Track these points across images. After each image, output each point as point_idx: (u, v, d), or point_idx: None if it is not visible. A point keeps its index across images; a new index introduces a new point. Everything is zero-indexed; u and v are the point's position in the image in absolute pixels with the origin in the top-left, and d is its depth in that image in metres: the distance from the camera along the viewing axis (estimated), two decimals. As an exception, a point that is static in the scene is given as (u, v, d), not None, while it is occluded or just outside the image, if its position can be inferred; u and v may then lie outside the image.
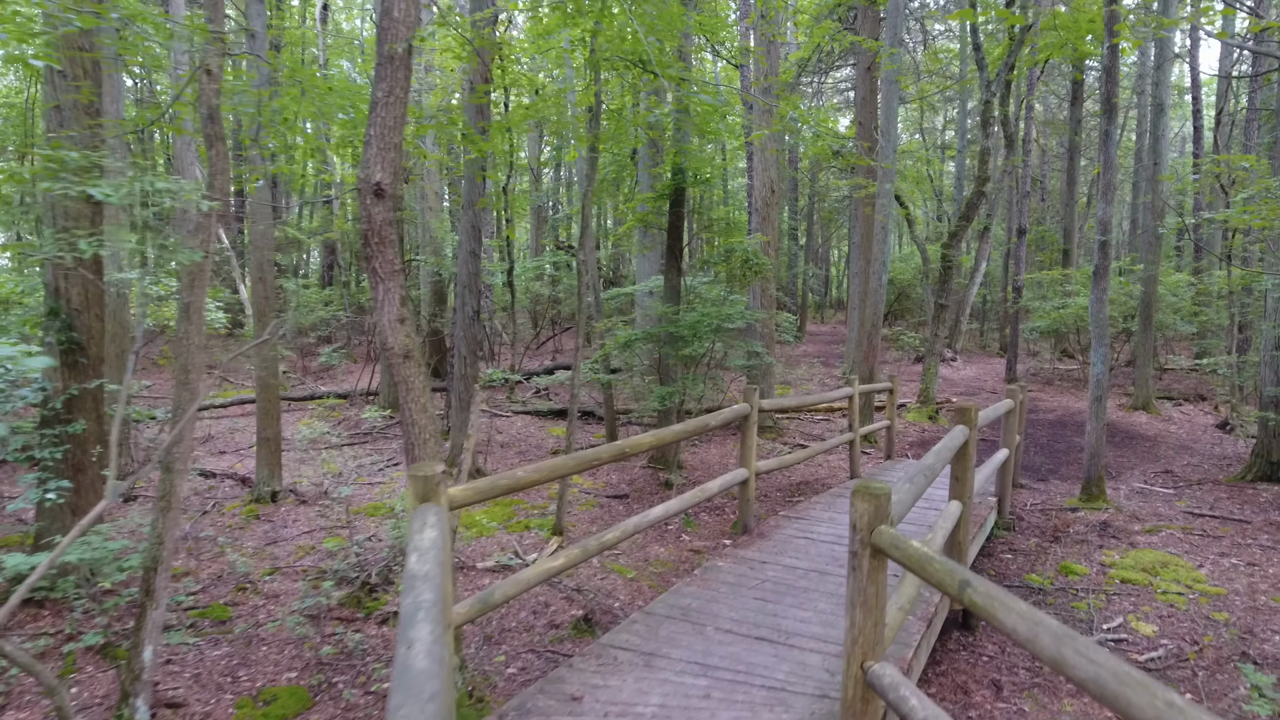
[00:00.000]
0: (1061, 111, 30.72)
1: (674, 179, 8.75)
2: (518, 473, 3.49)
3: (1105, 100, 8.04)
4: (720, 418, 5.18)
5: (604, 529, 7.28)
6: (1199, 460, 11.03)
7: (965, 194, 25.56)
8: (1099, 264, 8.28)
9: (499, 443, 11.26)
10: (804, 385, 16.73)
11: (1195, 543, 7.34)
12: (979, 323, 28.49)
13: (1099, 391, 8.38)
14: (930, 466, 3.61)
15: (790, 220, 28.49)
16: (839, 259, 47.25)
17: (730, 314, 8.09)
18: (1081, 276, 19.87)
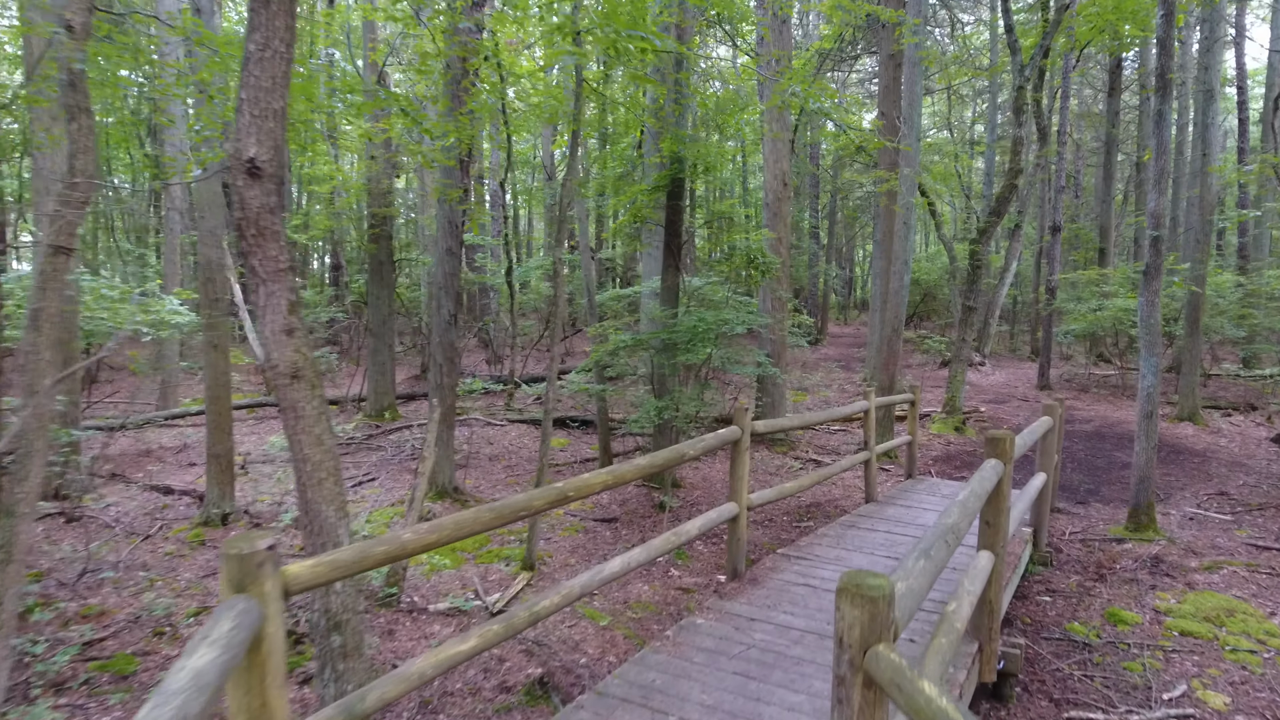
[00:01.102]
0: (1097, 104, 29.43)
1: (671, 168, 7.92)
2: (423, 528, 2.69)
3: (1159, 76, 7.08)
4: (702, 445, 4.35)
5: (582, 567, 6.48)
6: (1256, 480, 9.97)
7: (995, 190, 24.43)
8: (1151, 262, 7.32)
9: (488, 455, 10.50)
10: (821, 392, 15.80)
11: (1263, 583, 6.37)
12: (1009, 325, 27.33)
13: (1149, 407, 7.42)
14: (953, 527, 2.75)
15: (811, 219, 27.49)
16: (863, 258, 46.06)
17: (729, 319, 7.24)
18: (1120, 276, 18.72)
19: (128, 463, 9.75)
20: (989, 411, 14.35)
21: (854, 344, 26.84)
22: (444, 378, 8.10)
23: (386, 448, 10.48)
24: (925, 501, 7.62)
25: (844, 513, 8.16)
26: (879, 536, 6.11)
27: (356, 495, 8.46)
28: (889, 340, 10.55)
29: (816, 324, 26.88)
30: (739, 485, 4.80)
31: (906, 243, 10.37)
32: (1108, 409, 15.19)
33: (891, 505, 7.36)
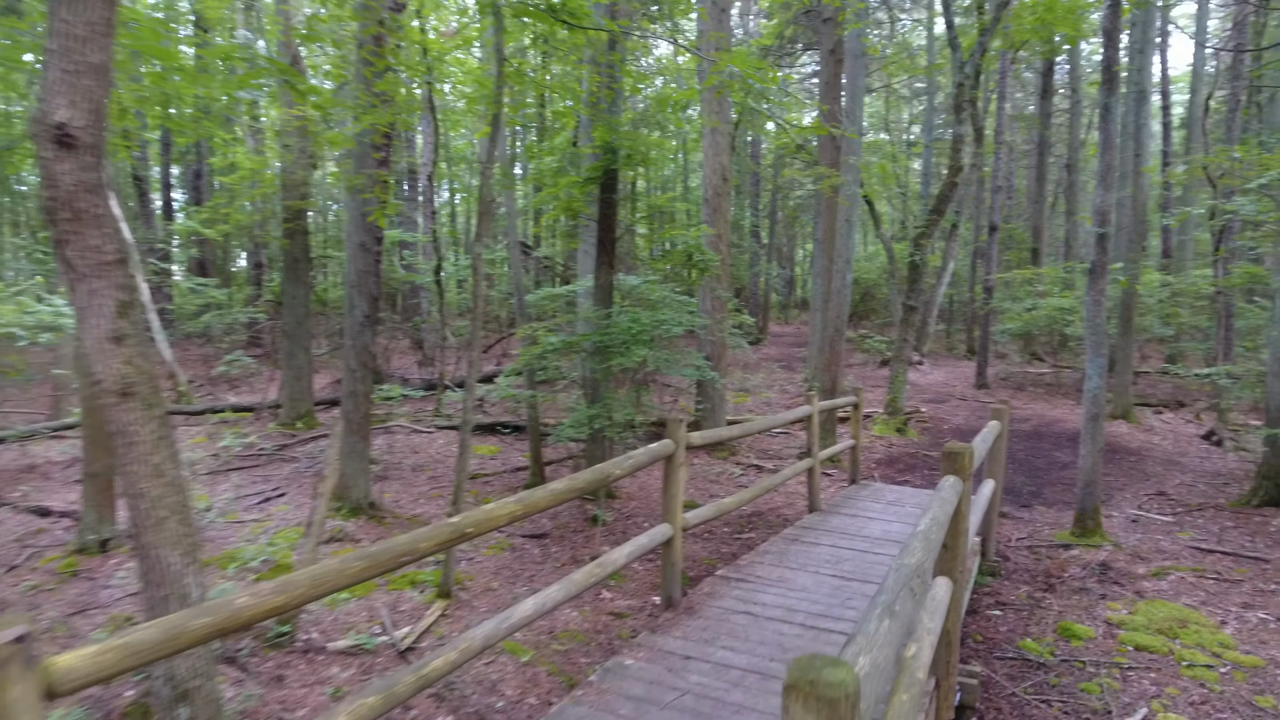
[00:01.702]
0: (1028, 107, 30.04)
1: (603, 159, 7.43)
2: (266, 589, 2.14)
3: (1105, 69, 6.90)
4: (630, 463, 3.87)
5: (506, 591, 5.93)
6: (1192, 479, 10.00)
7: (933, 190, 24.63)
8: (1096, 261, 7.14)
9: (412, 465, 9.85)
10: (763, 393, 15.52)
11: (1211, 589, 6.21)
12: (946, 324, 27.64)
13: (1095, 409, 7.24)
14: (918, 569, 2.32)
15: (752, 217, 27.34)
16: (804, 258, 46.33)
17: (664, 320, 6.78)
18: (1052, 276, 18.97)
19: (6, 480, 8.81)
20: (929, 412, 14.26)
21: (795, 343, 26.77)
22: (358, 384, 7.45)
23: (301, 459, 9.73)
24: (870, 509, 7.30)
25: (787, 522, 7.79)
26: (824, 551, 5.73)
27: (262, 513, 7.74)
28: (831, 341, 10.26)
29: (758, 323, 26.72)
30: (673, 505, 4.34)
31: (849, 240, 10.10)
32: (1044, 407, 15.28)
33: (836, 514, 7.01)
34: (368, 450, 7.90)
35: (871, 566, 5.38)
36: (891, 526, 6.65)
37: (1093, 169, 31.07)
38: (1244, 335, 14.83)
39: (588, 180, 7.62)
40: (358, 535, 7.17)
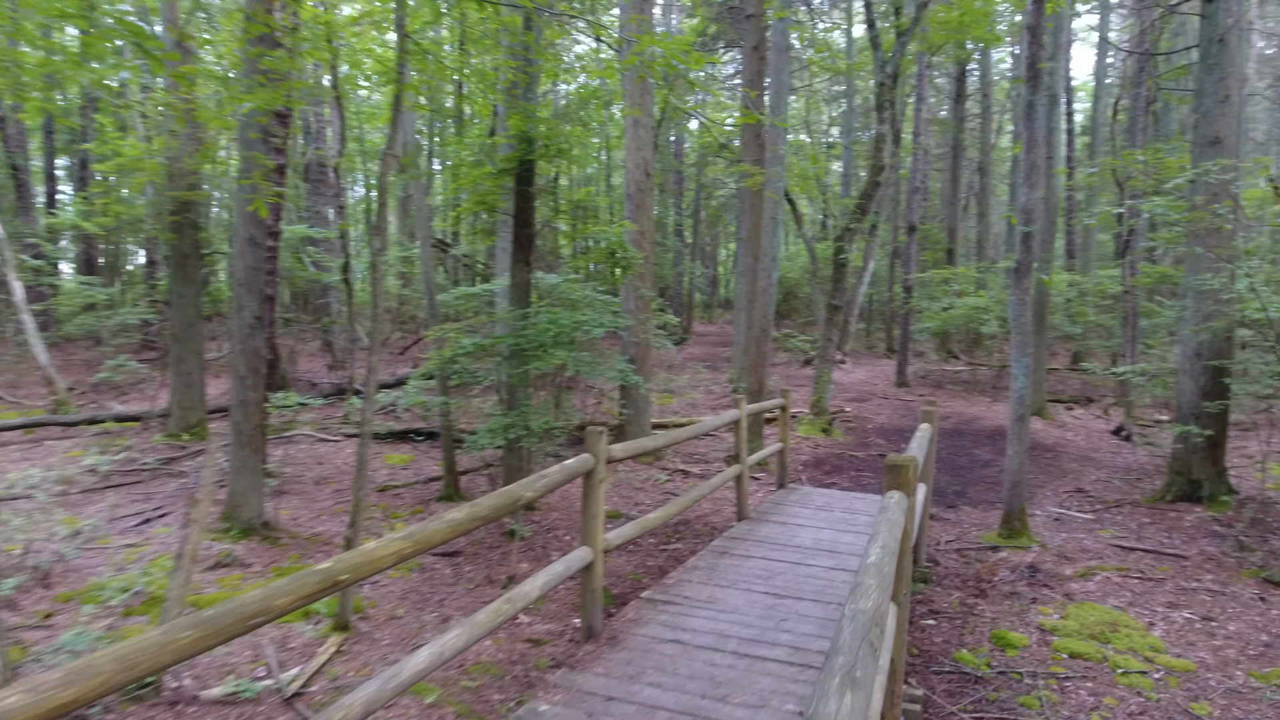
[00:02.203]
0: (941, 111, 30.84)
1: (519, 149, 6.96)
2: (49, 681, 1.62)
3: (1030, 65, 6.83)
4: (544, 482, 3.44)
5: (413, 619, 5.41)
6: (1107, 474, 10.18)
7: (853, 192, 24.95)
8: (1022, 259, 7.08)
9: (315, 478, 9.14)
10: (688, 394, 15.27)
11: (1137, 589, 6.19)
12: (866, 323, 28.07)
13: (1021, 409, 7.19)
14: (875, 615, 1.97)
15: (676, 216, 27.17)
16: (726, 257, 46.59)
17: (585, 320, 6.37)
18: (968, 275, 19.38)
19: None
20: (854, 411, 14.27)
21: (719, 343, 26.73)
22: (248, 392, 6.77)
23: (189, 474, 8.88)
24: (800, 515, 7.06)
25: (715, 531, 7.49)
26: (755, 565, 5.42)
27: (140, 537, 6.97)
28: (758, 341, 10.04)
29: (682, 323, 26.57)
30: (593, 526, 3.93)
31: (775, 238, 9.89)
32: (962, 405, 15.52)
33: (765, 522, 6.74)
34: (261, 464, 7.21)
35: (805, 581, 5.10)
36: (822, 534, 6.41)
37: (1002, 172, 32.20)
38: (1147, 334, 15.41)
39: (502, 172, 7.14)
40: (248, 559, 6.50)
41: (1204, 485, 8.32)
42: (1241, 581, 6.28)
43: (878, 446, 11.68)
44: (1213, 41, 8.23)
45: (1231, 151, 8.18)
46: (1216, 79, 8.21)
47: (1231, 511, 8.05)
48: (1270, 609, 5.78)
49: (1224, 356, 8.27)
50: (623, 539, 4.30)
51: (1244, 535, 7.33)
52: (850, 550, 5.96)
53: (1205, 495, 8.29)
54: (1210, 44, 8.25)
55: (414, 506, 8.27)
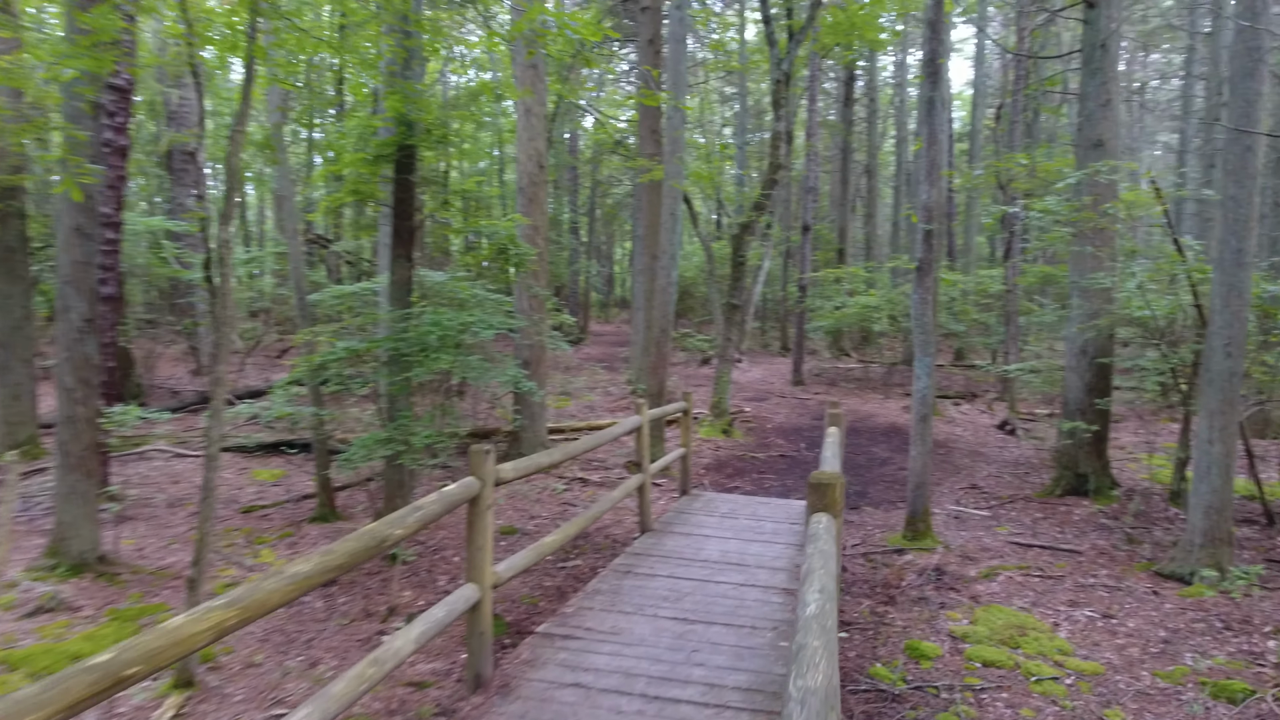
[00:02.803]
0: (829, 114, 31.60)
1: (398, 133, 6.31)
2: None
3: (929, 61, 6.74)
4: (419, 516, 2.90)
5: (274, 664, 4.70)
6: (997, 469, 10.40)
7: (746, 192, 25.12)
8: (924, 258, 6.99)
9: (169, 499, 8.15)
10: (585, 396, 14.81)
11: (1038, 588, 6.17)
12: (760, 322, 28.37)
13: (925, 409, 7.10)
14: (826, 691, 1.57)
15: (571, 214, 26.65)
16: (623, 256, 46.41)
17: (473, 321, 5.80)
18: (858, 275, 19.76)
19: None
20: (753, 411, 14.18)
21: (617, 342, 26.40)
22: (77, 406, 5.85)
23: (15, 500, 7.73)
24: (706, 525, 6.74)
25: (616, 544, 7.07)
26: (662, 584, 5.02)
27: (-59, 579, 5.90)
28: (658, 342, 9.69)
29: (579, 323, 26.08)
30: (480, 559, 3.41)
31: (674, 234, 9.57)
32: (857, 402, 15.73)
33: (670, 534, 6.37)
34: (98, 488, 6.28)
35: (715, 601, 4.73)
36: (729, 545, 6.10)
37: (888, 175, 33.31)
38: (1025, 331, 16.07)
39: (379, 158, 6.47)
40: (77, 601, 5.60)
41: (1090, 479, 8.55)
42: (1135, 576, 6.37)
43: (778, 447, 11.57)
44: (1095, 46, 8.44)
45: (1113, 154, 8.42)
46: (1099, 83, 8.44)
47: (1116, 504, 8.30)
48: (1164, 603, 5.85)
49: (1106, 354, 8.52)
50: (515, 570, 3.80)
51: (1130, 528, 7.53)
52: (759, 562, 5.67)
53: (1091, 489, 8.52)
54: (1093, 49, 8.46)
55: (283, 529, 7.46)
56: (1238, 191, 6.12)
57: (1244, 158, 6.11)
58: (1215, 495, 6.17)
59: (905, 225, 31.66)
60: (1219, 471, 6.16)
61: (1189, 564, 6.24)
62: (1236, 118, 6.14)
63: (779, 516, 7.20)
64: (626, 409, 13.72)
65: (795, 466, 10.46)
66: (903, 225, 31.05)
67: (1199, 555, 6.20)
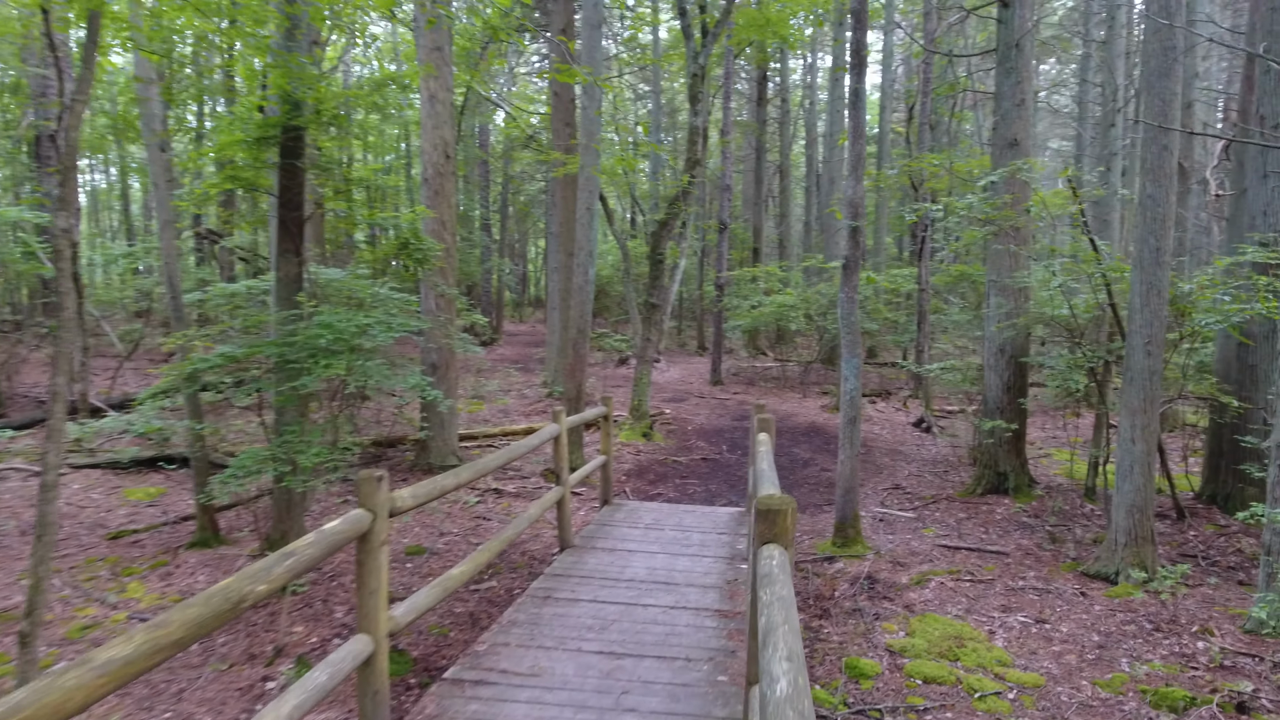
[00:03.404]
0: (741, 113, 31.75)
1: (282, 113, 5.64)
2: None
3: (855, 51, 6.51)
4: (286, 566, 2.35)
5: None
6: (917, 468, 10.39)
7: (662, 191, 24.89)
8: (849, 256, 6.77)
9: (20, 527, 7.18)
10: (499, 400, 14.19)
11: (970, 594, 6.03)
12: (677, 321, 28.22)
13: (853, 412, 6.89)
14: None
15: (483, 210, 25.82)
16: (536, 255, 45.60)
17: (372, 323, 5.20)
18: (773, 273, 19.78)
19: None
20: (673, 412, 13.88)
21: (531, 343, 25.75)
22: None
23: None
24: (629, 538, 6.33)
25: (534, 561, 6.58)
26: (585, 611, 4.58)
27: None
28: (575, 343, 9.23)
29: (492, 323, 25.30)
30: (373, 605, 2.88)
31: (590, 230, 9.12)
32: (775, 402, 15.65)
33: (592, 550, 5.93)
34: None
35: (644, 629, 4.32)
36: (656, 561, 5.71)
37: (799, 176, 33.73)
38: (936, 330, 16.35)
39: (261, 140, 5.77)
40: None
41: (1010, 477, 8.57)
42: (1062, 577, 6.31)
43: (700, 450, 11.28)
44: (1010, 46, 8.46)
45: (1027, 153, 8.45)
46: (1014, 83, 8.46)
47: (1036, 501, 8.34)
48: (1093, 604, 5.78)
49: (1024, 353, 8.56)
50: (417, 612, 3.27)
51: (1051, 526, 7.54)
52: (689, 579, 5.29)
53: (1011, 487, 8.54)
54: (1008, 49, 8.48)
55: (157, 557, 6.64)
56: (1155, 190, 6.12)
57: (1161, 157, 6.12)
58: (1138, 494, 6.17)
59: (817, 225, 32.13)
60: (1141, 470, 6.16)
61: (1114, 563, 6.22)
62: (1154, 117, 6.15)
63: (705, 526, 6.86)
64: (542, 412, 13.19)
65: (718, 470, 10.19)
66: (814, 225, 31.49)
67: (1123, 554, 6.19)
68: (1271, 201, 7.55)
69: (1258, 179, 7.64)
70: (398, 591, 5.89)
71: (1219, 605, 5.73)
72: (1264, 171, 7.59)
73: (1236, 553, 7.03)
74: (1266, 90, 7.56)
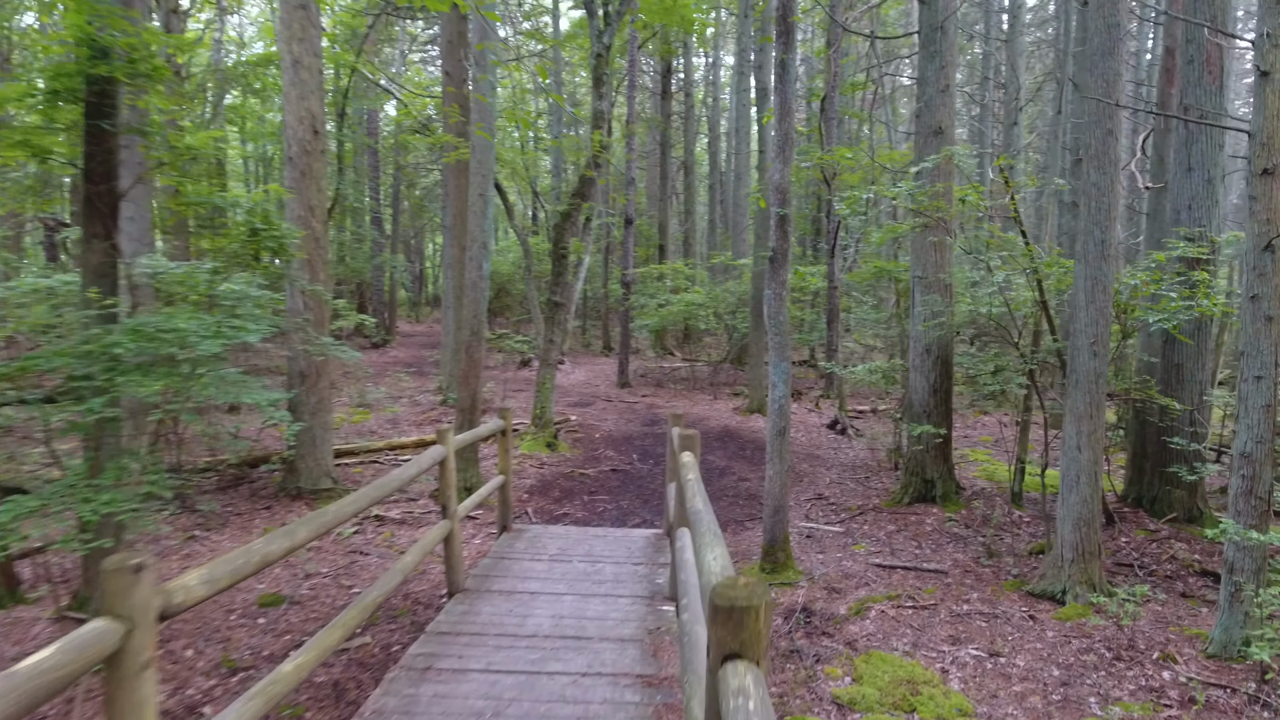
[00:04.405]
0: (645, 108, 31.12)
1: (80, 60, 4.44)
2: None
3: (781, 19, 5.80)
4: None
5: None
6: (838, 474, 9.87)
7: (564, 186, 23.91)
8: (778, 248, 6.07)
9: None
10: (389, 408, 12.93)
11: (914, 623, 5.41)
12: (581, 320, 27.30)
13: (782, 422, 6.19)
14: None
15: (373, 202, 24.12)
16: (434, 252, 43.69)
17: (187, 330, 4.07)
18: (681, 270, 19.18)
19: None
20: (579, 419, 12.98)
21: (428, 344, 24.31)
22: None
23: None
24: (531, 575, 5.42)
25: (419, 608, 5.57)
26: (475, 689, 3.65)
27: None
28: (468, 346, 8.20)
29: (383, 324, 23.69)
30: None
31: (484, 219, 8.12)
32: (686, 404, 14.98)
33: (487, 596, 4.99)
34: None
35: (549, 713, 3.43)
36: (563, 606, 4.82)
37: (703, 173, 33.38)
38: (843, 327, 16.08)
39: (56, 95, 4.54)
40: None
41: (937, 485, 8.12)
42: (1007, 598, 5.80)
43: (609, 460, 10.43)
44: (934, 29, 7.98)
45: (952, 140, 8.01)
46: (938, 67, 7.99)
47: (965, 510, 7.90)
48: (1044, 629, 5.27)
49: (949, 353, 8.13)
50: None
51: (983, 537, 7.09)
52: (603, 630, 4.43)
53: (939, 495, 8.08)
54: (931, 31, 8.00)
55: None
56: (1099, 179, 5.68)
57: (1105, 142, 5.67)
58: (1084, 506, 5.72)
59: (722, 223, 31.89)
60: (1088, 480, 5.71)
61: (1060, 581, 5.75)
62: (1097, 99, 5.70)
63: (619, 554, 6.03)
64: (436, 421, 12.04)
65: (629, 483, 9.37)
66: (719, 223, 31.22)
67: (1070, 571, 5.72)
68: (1196, 195, 7.33)
69: (1182, 172, 7.42)
70: (243, 658, 4.77)
71: (1173, 625, 5.32)
72: (1188, 165, 7.38)
73: (1171, 560, 6.74)
74: (1190, 81, 7.34)
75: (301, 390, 7.50)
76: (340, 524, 3.25)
